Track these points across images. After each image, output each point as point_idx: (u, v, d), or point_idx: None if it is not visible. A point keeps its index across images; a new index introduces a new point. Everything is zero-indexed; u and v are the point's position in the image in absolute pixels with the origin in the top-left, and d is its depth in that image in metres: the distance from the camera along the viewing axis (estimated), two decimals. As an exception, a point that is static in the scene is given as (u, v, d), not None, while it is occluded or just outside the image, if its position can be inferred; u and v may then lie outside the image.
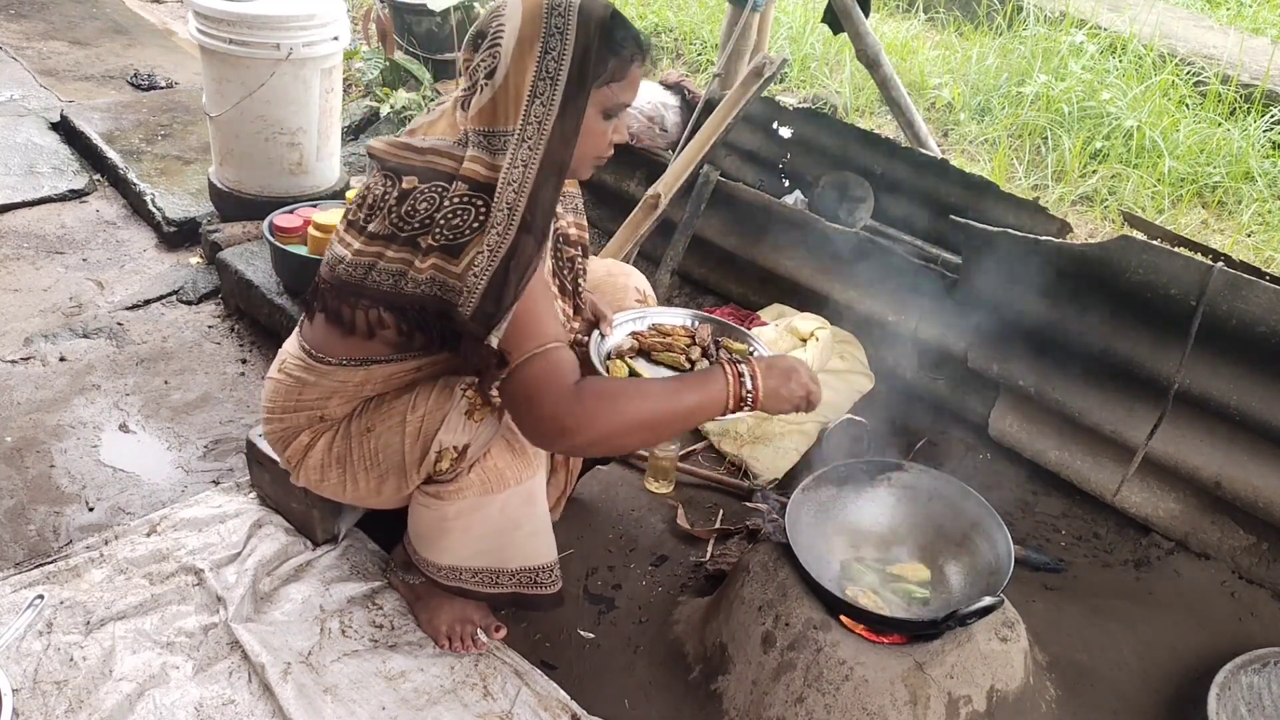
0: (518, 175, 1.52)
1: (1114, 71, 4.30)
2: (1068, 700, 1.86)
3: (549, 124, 1.52)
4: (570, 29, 1.52)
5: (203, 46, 3.05)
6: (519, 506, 1.73)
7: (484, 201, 1.52)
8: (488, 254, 1.49)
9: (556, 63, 1.51)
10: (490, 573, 1.80)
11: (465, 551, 1.77)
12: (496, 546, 1.77)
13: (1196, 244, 2.32)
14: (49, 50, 4.91)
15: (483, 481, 1.67)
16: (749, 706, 1.76)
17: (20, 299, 3.01)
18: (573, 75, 1.52)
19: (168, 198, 3.52)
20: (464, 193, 1.53)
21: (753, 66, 2.86)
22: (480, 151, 1.56)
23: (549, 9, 1.53)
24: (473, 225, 1.51)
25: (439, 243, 1.52)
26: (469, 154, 1.56)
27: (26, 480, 2.30)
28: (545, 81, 1.52)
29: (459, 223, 1.52)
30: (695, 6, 5.04)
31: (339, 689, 1.81)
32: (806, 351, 2.49)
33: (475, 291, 1.50)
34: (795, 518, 1.84)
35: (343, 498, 1.84)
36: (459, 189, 1.54)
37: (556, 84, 1.52)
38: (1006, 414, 2.44)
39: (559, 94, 1.52)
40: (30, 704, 1.73)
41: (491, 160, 1.54)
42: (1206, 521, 2.24)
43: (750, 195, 2.84)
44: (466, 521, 1.72)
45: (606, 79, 1.57)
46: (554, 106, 1.52)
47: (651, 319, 2.03)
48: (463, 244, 1.51)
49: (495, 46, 1.54)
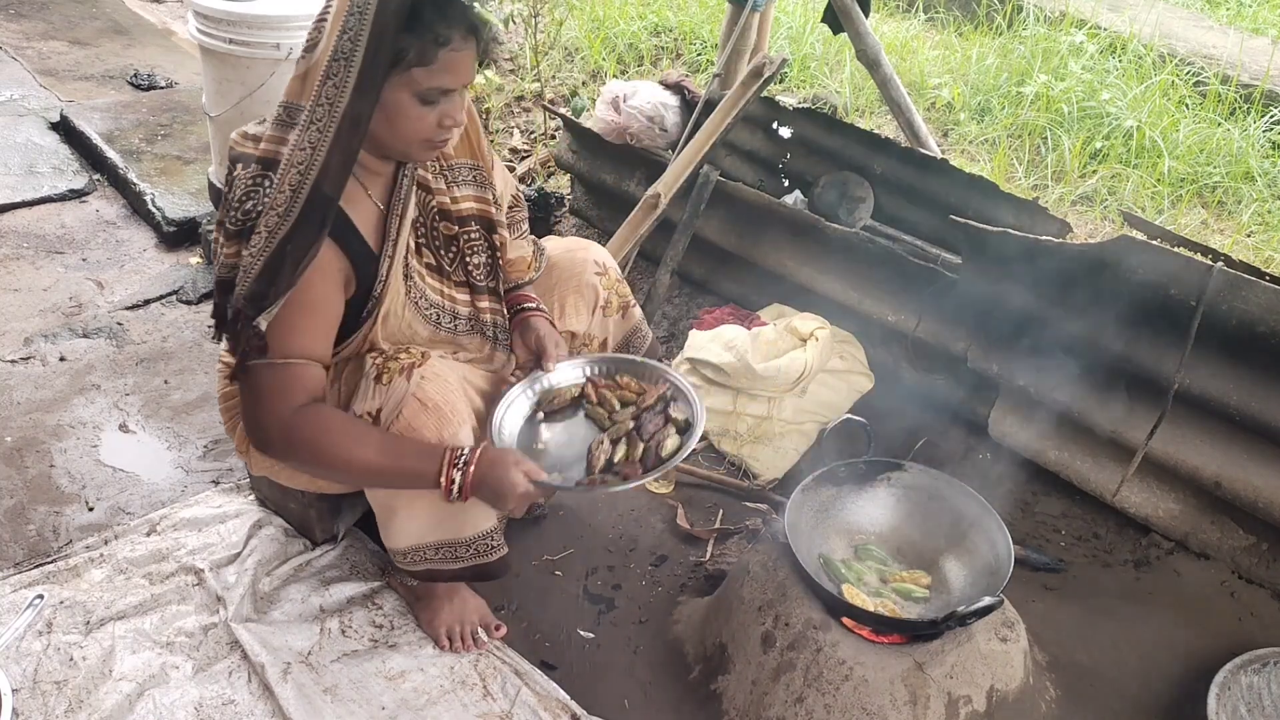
0: (304, 157, 1.48)
1: (1114, 71, 4.30)
2: (1067, 700, 1.86)
3: (340, 106, 1.47)
4: (370, 9, 1.45)
5: (203, 46, 3.05)
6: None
7: (269, 179, 1.50)
8: (265, 235, 1.48)
9: (352, 43, 1.46)
10: (449, 546, 1.78)
11: (418, 526, 1.76)
12: (445, 516, 1.75)
13: (1196, 244, 2.31)
14: (49, 50, 4.91)
15: None
16: (749, 706, 1.76)
17: (20, 299, 3.01)
18: (367, 58, 1.45)
19: (167, 197, 3.52)
20: (255, 173, 1.52)
21: (753, 66, 2.86)
22: (275, 129, 1.53)
23: None
24: (259, 208, 1.50)
25: (235, 228, 1.52)
26: (268, 130, 1.55)
27: (26, 480, 2.30)
28: (339, 62, 1.47)
29: (250, 206, 1.51)
30: (695, 6, 5.04)
31: (339, 689, 1.81)
32: (806, 351, 2.49)
33: (251, 271, 1.49)
34: (795, 518, 1.84)
35: (296, 482, 1.87)
36: (253, 169, 1.53)
37: (351, 65, 1.46)
38: (1006, 414, 2.44)
39: (352, 76, 1.46)
40: (30, 704, 1.73)
41: (280, 135, 1.52)
42: (1206, 521, 2.24)
43: (750, 195, 2.84)
44: (407, 495, 1.71)
45: (411, 63, 1.50)
46: (346, 89, 1.46)
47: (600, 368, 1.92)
48: (250, 228, 1.50)
49: (322, 21, 1.51)
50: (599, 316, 2.03)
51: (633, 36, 4.77)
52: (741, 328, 2.64)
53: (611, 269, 2.07)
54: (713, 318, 2.83)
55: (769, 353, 2.51)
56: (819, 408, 2.56)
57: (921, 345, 2.58)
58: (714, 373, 2.53)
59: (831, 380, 2.59)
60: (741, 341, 2.51)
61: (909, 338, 2.59)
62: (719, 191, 2.88)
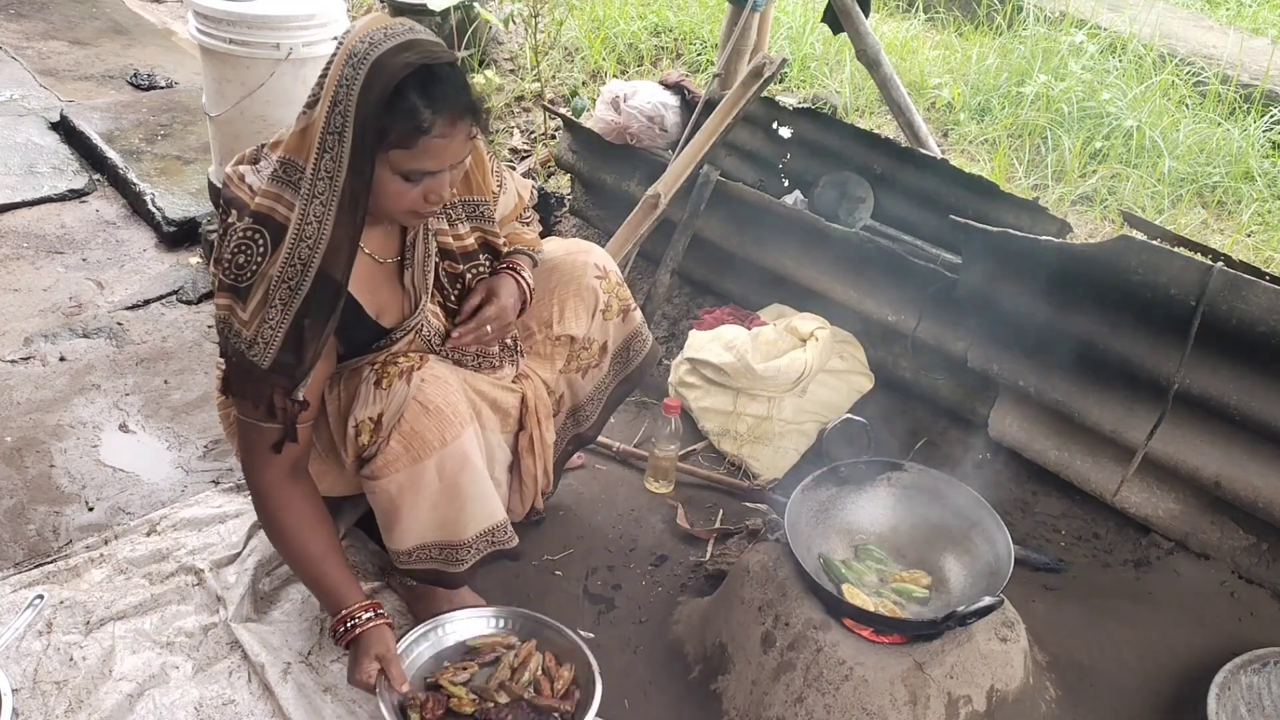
0: (312, 231, 1.50)
1: (1114, 71, 4.29)
2: (1067, 700, 1.86)
3: (339, 182, 1.49)
4: (356, 86, 1.44)
5: (203, 46, 3.05)
6: (455, 470, 1.71)
7: (263, 238, 1.51)
8: (280, 308, 1.51)
9: (343, 119, 1.46)
10: (452, 547, 1.78)
11: (423, 526, 1.76)
12: (450, 515, 1.75)
13: (1196, 244, 2.31)
14: (49, 50, 4.91)
15: (407, 449, 1.66)
16: (749, 706, 1.76)
17: (20, 299, 3.01)
18: (356, 138, 1.46)
19: (167, 197, 3.52)
20: (250, 227, 1.53)
21: (753, 66, 2.86)
22: (273, 185, 1.54)
23: (348, 56, 1.46)
24: (256, 261, 1.51)
25: (228, 281, 1.53)
26: (266, 185, 1.55)
27: (26, 480, 2.30)
28: (334, 136, 1.48)
29: (244, 260, 1.52)
30: (695, 6, 5.04)
31: (339, 689, 1.81)
32: (806, 351, 2.49)
33: (271, 343, 1.52)
34: (795, 518, 1.84)
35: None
36: (247, 223, 1.53)
37: (343, 142, 1.47)
38: (1006, 414, 2.44)
39: (346, 153, 1.47)
40: (30, 704, 1.73)
41: (278, 193, 1.53)
42: (1206, 521, 2.24)
43: (750, 195, 2.84)
44: (411, 497, 1.71)
45: (392, 144, 1.48)
46: (343, 165, 1.48)
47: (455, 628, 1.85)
48: (248, 286, 1.51)
49: (324, 77, 1.51)
50: (599, 320, 2.02)
51: (633, 36, 4.77)
52: (741, 328, 2.64)
53: (612, 272, 2.05)
54: (712, 318, 2.83)
55: (769, 353, 2.51)
56: (819, 408, 2.56)
57: (921, 345, 2.58)
58: (714, 373, 2.54)
59: (831, 380, 2.59)
60: (741, 341, 2.51)
61: (909, 338, 2.59)
62: (719, 191, 2.88)
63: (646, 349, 2.14)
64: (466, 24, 4.34)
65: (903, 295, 2.59)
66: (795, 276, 2.79)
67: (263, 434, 1.64)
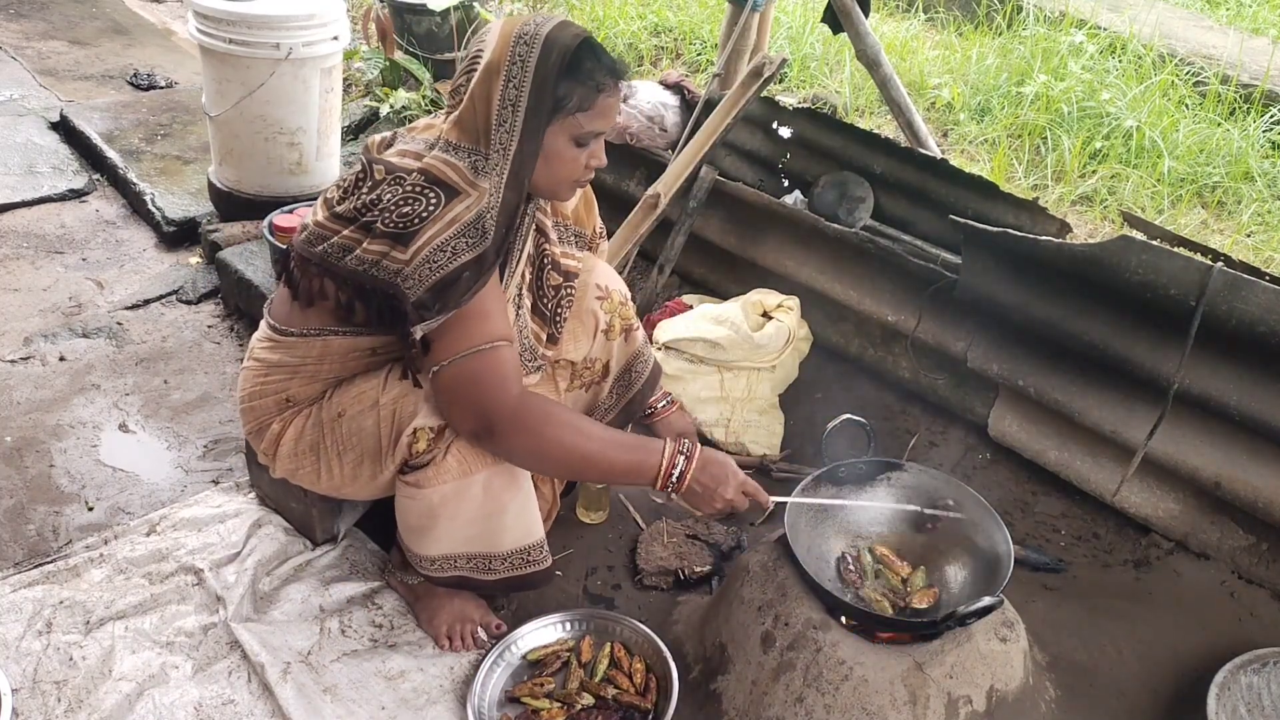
0: (494, 200, 1.59)
1: (1114, 71, 4.30)
2: (1067, 700, 1.86)
3: (511, 150, 1.60)
4: (532, 58, 1.58)
5: (203, 46, 3.05)
6: (502, 487, 1.73)
7: (436, 195, 1.57)
8: (449, 254, 1.54)
9: (517, 90, 1.58)
10: (483, 558, 1.80)
11: (456, 538, 1.77)
12: (486, 530, 1.77)
13: (1196, 244, 2.31)
14: (49, 50, 4.91)
15: (460, 463, 1.67)
16: (749, 706, 1.76)
17: (20, 299, 3.01)
18: (531, 104, 1.59)
19: (167, 197, 3.52)
20: (420, 184, 1.58)
21: (752, 66, 2.86)
22: (445, 152, 1.61)
23: (516, 38, 1.60)
24: (421, 215, 1.55)
25: (388, 229, 1.56)
26: (433, 153, 1.62)
27: (26, 480, 2.30)
28: (508, 109, 1.59)
29: (409, 210, 1.56)
30: (695, 6, 5.04)
31: (338, 689, 1.81)
32: (786, 319, 2.56)
33: (424, 282, 1.54)
34: (795, 518, 1.84)
35: (318, 487, 1.86)
36: (415, 179, 1.58)
37: (518, 111, 1.59)
38: (1006, 414, 2.44)
39: (520, 121, 1.59)
40: (30, 704, 1.73)
41: (454, 160, 1.60)
42: (1206, 521, 2.24)
43: (750, 195, 2.84)
44: (453, 508, 1.72)
45: (573, 108, 1.62)
46: (516, 133, 1.59)
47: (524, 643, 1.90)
48: (411, 233, 1.54)
49: (472, 70, 1.62)
50: (600, 340, 2.05)
51: (633, 36, 4.77)
52: (722, 303, 2.69)
53: (615, 290, 2.06)
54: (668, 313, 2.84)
55: (752, 325, 2.57)
56: (779, 383, 2.65)
57: (921, 345, 2.58)
58: (706, 349, 2.53)
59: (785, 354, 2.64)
60: (732, 314, 2.53)
61: (909, 338, 2.59)
62: (719, 191, 2.88)
63: (648, 370, 2.17)
64: (466, 24, 4.34)
65: (902, 295, 2.59)
66: (795, 276, 2.79)
67: (490, 363, 1.60)
